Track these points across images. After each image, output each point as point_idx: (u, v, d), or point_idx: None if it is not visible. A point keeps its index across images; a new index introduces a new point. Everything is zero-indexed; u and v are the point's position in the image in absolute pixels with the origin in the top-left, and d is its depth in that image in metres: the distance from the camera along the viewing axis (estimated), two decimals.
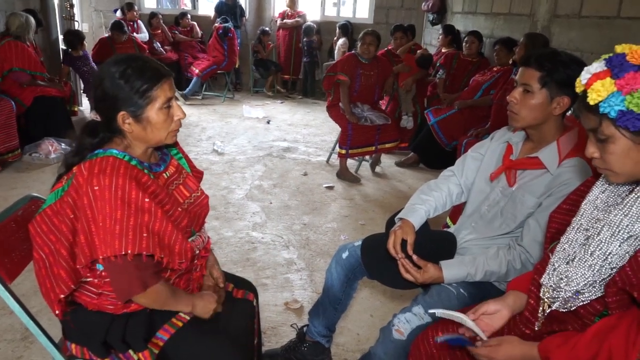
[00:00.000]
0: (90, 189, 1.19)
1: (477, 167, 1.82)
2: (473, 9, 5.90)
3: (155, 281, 1.28)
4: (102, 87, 1.26)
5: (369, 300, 2.60)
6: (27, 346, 2.11)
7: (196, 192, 1.50)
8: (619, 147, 0.99)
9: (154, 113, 1.28)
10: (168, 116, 1.31)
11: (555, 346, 1.09)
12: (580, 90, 1.01)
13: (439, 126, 4.60)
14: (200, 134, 5.69)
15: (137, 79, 1.24)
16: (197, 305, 1.40)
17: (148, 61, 1.30)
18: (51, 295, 1.27)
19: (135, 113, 1.26)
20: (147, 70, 1.26)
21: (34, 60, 4.45)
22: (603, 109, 0.96)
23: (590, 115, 1.00)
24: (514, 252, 1.58)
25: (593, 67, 0.99)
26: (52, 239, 1.26)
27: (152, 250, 1.22)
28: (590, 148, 1.05)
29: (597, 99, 0.96)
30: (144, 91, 1.25)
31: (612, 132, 0.98)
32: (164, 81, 1.28)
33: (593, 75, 0.97)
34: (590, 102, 0.97)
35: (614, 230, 1.03)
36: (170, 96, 1.30)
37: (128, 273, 1.23)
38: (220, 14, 7.62)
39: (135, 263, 1.22)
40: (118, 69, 1.24)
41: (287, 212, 3.67)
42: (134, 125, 1.28)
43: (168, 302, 1.35)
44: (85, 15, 7.85)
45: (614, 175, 1.05)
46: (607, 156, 1.01)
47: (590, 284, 1.07)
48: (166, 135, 1.33)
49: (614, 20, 3.41)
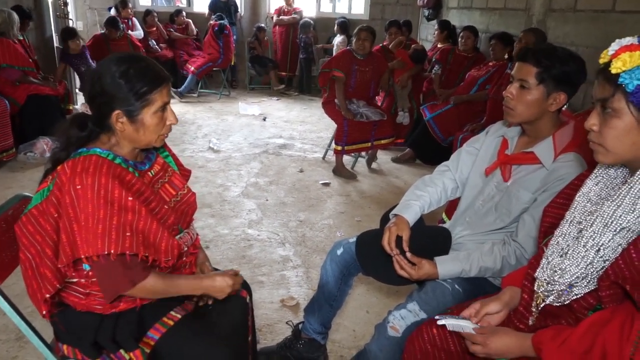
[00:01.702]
0: (72, 188, 1.19)
1: (472, 161, 1.81)
2: (468, 4, 5.89)
3: (143, 277, 1.27)
4: (100, 83, 1.25)
5: (365, 297, 2.59)
6: (22, 346, 2.10)
7: (182, 190, 1.49)
8: (623, 123, 1.00)
9: (149, 116, 1.28)
10: (161, 120, 1.31)
11: (548, 338, 1.09)
12: (604, 61, 1.02)
13: (434, 122, 4.60)
14: (196, 132, 5.67)
15: (139, 81, 1.24)
16: (208, 288, 1.39)
17: (150, 64, 1.30)
18: (38, 296, 1.27)
19: (131, 114, 1.26)
20: (148, 72, 1.27)
21: (21, 55, 4.40)
22: (623, 79, 0.97)
23: (607, 84, 1.02)
24: (509, 247, 1.57)
25: (625, 40, 1.00)
26: (38, 240, 1.25)
27: (136, 250, 1.21)
28: (592, 119, 1.06)
29: (621, 67, 0.97)
30: (143, 93, 1.25)
31: (621, 107, 1.00)
32: (164, 86, 1.29)
33: (623, 47, 0.99)
34: (612, 71, 0.98)
35: (606, 222, 1.03)
36: (166, 101, 1.31)
37: (114, 271, 1.23)
38: (214, 11, 7.59)
39: (121, 261, 1.21)
40: (119, 68, 1.24)
41: (283, 209, 3.66)
42: (127, 125, 1.27)
43: (168, 290, 1.33)
44: (79, 14, 7.81)
45: (603, 152, 1.05)
46: (607, 130, 1.03)
47: (583, 276, 1.07)
48: (156, 138, 1.33)
49: (609, 14, 3.41)
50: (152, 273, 1.29)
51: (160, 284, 1.31)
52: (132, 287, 1.25)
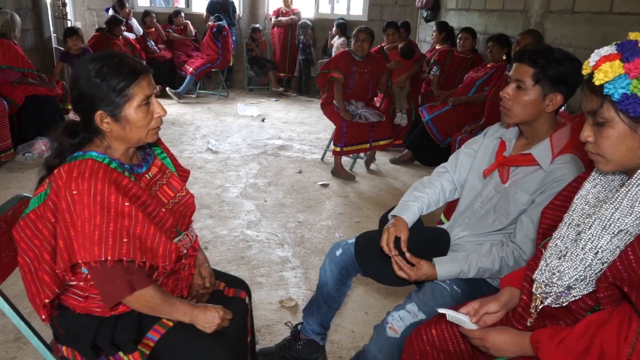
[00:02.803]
0: (68, 193, 1.18)
1: (470, 163, 1.82)
2: (467, 6, 5.90)
3: (145, 284, 1.26)
4: (77, 87, 1.24)
5: (364, 298, 2.60)
6: (21, 347, 2.10)
7: (181, 192, 1.48)
8: (616, 131, 1.00)
9: (133, 111, 1.25)
10: (147, 113, 1.29)
11: (546, 337, 1.09)
12: (587, 72, 1.02)
13: (433, 123, 4.60)
14: (194, 133, 5.67)
15: (114, 77, 1.22)
16: (198, 317, 1.35)
17: (124, 58, 1.26)
18: (37, 300, 1.26)
19: (113, 112, 1.24)
20: (123, 67, 1.24)
21: (22, 57, 4.40)
22: (607, 90, 0.97)
23: (593, 96, 1.02)
24: (507, 248, 1.58)
25: (604, 50, 1.00)
26: (36, 244, 1.25)
27: (133, 256, 1.20)
28: (586, 131, 1.06)
29: (603, 79, 0.97)
30: (120, 89, 1.22)
31: (611, 116, 1.00)
32: (142, 78, 1.26)
33: (603, 57, 0.99)
34: (595, 82, 0.98)
35: (605, 224, 1.03)
36: (148, 93, 1.28)
37: (113, 276, 1.22)
38: (212, 12, 7.59)
39: (119, 267, 1.21)
40: (94, 67, 1.22)
41: (282, 210, 3.67)
42: (112, 124, 1.26)
43: (161, 308, 1.31)
44: (78, 14, 7.80)
45: (603, 162, 1.06)
46: (602, 140, 1.03)
47: (581, 279, 1.07)
48: (146, 133, 1.31)
49: (606, 16, 3.42)
50: (153, 284, 1.29)
51: (158, 298, 1.29)
52: (131, 292, 1.24)
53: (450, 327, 1.39)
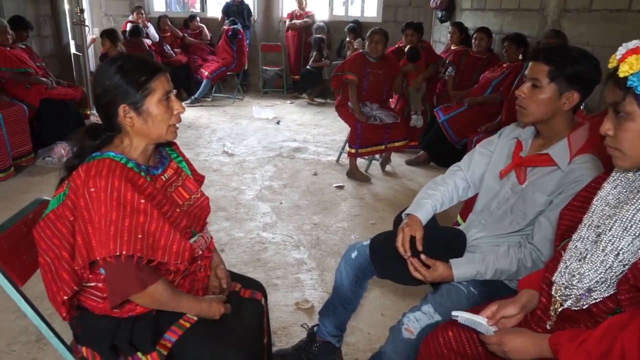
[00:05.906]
0: (86, 191, 1.21)
1: (486, 162, 1.81)
2: (482, 5, 5.85)
3: (154, 280, 1.28)
4: (100, 84, 1.30)
5: (380, 300, 2.59)
6: (42, 348, 2.13)
7: (196, 194, 1.51)
8: (636, 125, 1.00)
9: (154, 105, 1.30)
10: (167, 109, 1.34)
11: (565, 339, 1.08)
12: (613, 65, 1.03)
13: (448, 124, 4.57)
14: (210, 136, 5.71)
15: (135, 72, 1.28)
16: (203, 309, 1.40)
17: (144, 58, 1.36)
18: (57, 299, 1.29)
19: (136, 105, 1.29)
20: (143, 64, 1.31)
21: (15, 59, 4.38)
22: (631, 82, 0.97)
23: (617, 88, 1.02)
24: (525, 250, 1.56)
25: (631, 43, 1.01)
26: (56, 243, 1.27)
27: (145, 253, 1.23)
28: (607, 124, 1.06)
29: (628, 71, 0.97)
30: (142, 83, 1.28)
31: (633, 109, 1.00)
32: (161, 74, 1.32)
33: (629, 50, 0.99)
34: (620, 74, 0.99)
35: (625, 226, 1.02)
36: (168, 89, 1.33)
37: (126, 273, 1.24)
38: (227, 15, 7.64)
39: (132, 263, 1.23)
40: (114, 65, 1.29)
41: (298, 212, 3.67)
42: (135, 118, 1.30)
43: (169, 303, 1.34)
44: (95, 20, 7.91)
45: (621, 157, 1.05)
46: (622, 134, 1.02)
47: (602, 281, 1.06)
48: (166, 129, 1.35)
49: (625, 14, 3.36)
50: (162, 279, 1.31)
51: (167, 293, 1.32)
52: (143, 289, 1.26)
53: (467, 329, 1.38)
